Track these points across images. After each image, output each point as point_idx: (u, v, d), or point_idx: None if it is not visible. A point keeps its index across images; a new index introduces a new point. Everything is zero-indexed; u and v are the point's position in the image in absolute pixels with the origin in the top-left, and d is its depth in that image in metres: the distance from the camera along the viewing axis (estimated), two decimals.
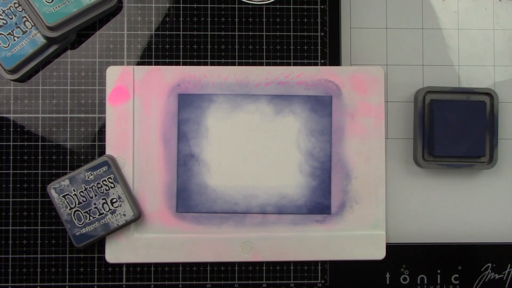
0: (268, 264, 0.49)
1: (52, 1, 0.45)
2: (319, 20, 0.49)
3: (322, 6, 0.49)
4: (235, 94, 0.48)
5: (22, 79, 0.48)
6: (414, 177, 0.49)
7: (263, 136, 0.48)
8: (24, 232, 0.48)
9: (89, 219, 0.46)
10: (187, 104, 0.48)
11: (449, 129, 0.47)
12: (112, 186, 0.46)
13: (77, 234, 0.46)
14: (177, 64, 0.49)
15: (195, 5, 0.49)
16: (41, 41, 0.46)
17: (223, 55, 0.49)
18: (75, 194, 0.46)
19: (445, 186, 0.50)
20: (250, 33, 0.49)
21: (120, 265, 0.48)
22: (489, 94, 0.48)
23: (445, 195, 0.49)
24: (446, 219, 0.49)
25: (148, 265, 0.48)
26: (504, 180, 0.50)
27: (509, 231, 0.49)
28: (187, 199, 0.48)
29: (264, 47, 0.49)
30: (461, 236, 0.49)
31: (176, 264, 0.48)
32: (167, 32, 0.49)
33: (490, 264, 0.49)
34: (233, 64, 0.49)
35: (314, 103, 0.48)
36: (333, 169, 0.48)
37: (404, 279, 0.49)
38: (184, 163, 0.48)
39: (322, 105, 0.48)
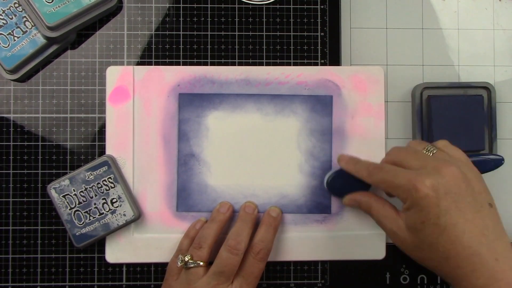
0: (268, 264, 0.48)
1: (52, 1, 0.45)
2: (319, 20, 0.49)
3: (322, 6, 0.49)
4: (235, 94, 0.48)
5: (22, 79, 0.48)
6: None
7: (263, 135, 0.48)
8: (24, 232, 0.48)
9: (89, 219, 0.46)
10: (188, 103, 0.48)
11: (448, 124, 0.47)
12: (112, 186, 0.46)
13: (77, 234, 0.46)
14: (177, 64, 0.49)
15: (195, 5, 0.49)
16: (41, 41, 0.46)
17: (223, 55, 0.49)
18: (75, 194, 0.46)
19: None
20: (250, 33, 0.49)
21: (120, 265, 0.48)
22: (486, 88, 0.48)
23: None
24: None
25: (148, 265, 0.48)
26: (504, 174, 0.50)
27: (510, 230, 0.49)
28: (187, 199, 0.48)
29: (264, 47, 0.49)
30: None
31: None
32: (167, 32, 0.49)
33: None
34: (233, 64, 0.49)
35: (314, 103, 0.48)
36: (332, 168, 0.48)
37: (404, 279, 0.49)
38: (185, 162, 0.48)
39: (322, 105, 0.48)
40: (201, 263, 0.43)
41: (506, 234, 0.38)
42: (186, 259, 0.43)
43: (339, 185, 0.46)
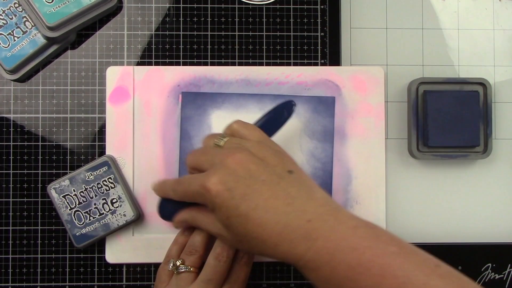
0: (268, 264, 0.49)
1: (52, 1, 0.45)
2: (319, 20, 0.49)
3: (322, 6, 0.49)
4: (238, 93, 0.48)
5: (22, 79, 0.48)
6: (410, 169, 0.49)
7: None
8: (24, 232, 0.48)
9: (89, 219, 0.46)
10: (191, 102, 0.48)
11: (443, 119, 0.47)
12: (112, 186, 0.46)
13: (77, 234, 0.46)
14: (177, 64, 0.49)
15: (195, 5, 0.49)
16: (41, 41, 0.46)
17: (223, 55, 0.49)
18: (75, 195, 0.46)
19: (441, 177, 0.49)
20: (250, 33, 0.49)
21: (120, 265, 0.48)
22: (482, 84, 0.48)
23: (441, 187, 0.49)
24: (443, 212, 0.49)
25: (148, 265, 0.48)
26: (499, 170, 0.50)
27: (508, 230, 0.49)
28: None
29: (264, 47, 0.49)
30: (460, 235, 0.49)
31: None
32: (167, 32, 0.49)
33: (490, 264, 0.49)
34: (233, 64, 0.49)
35: (317, 103, 0.48)
36: (333, 169, 0.48)
37: None
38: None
39: (325, 106, 0.48)
40: (192, 269, 0.42)
41: (318, 191, 0.37)
42: (178, 263, 0.43)
43: (170, 211, 0.43)
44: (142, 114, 0.48)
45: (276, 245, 0.35)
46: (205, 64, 0.49)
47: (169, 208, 0.42)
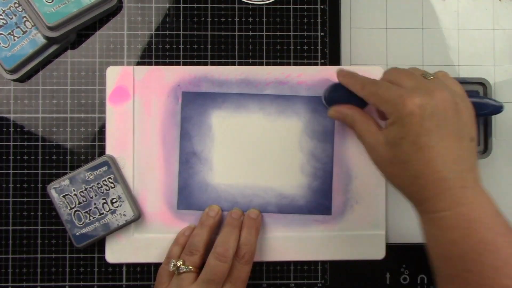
0: (268, 264, 0.49)
1: (52, 1, 0.45)
2: (319, 20, 0.49)
3: (322, 6, 0.49)
4: (238, 93, 0.48)
5: (22, 79, 0.48)
6: None
7: (265, 135, 0.48)
8: (24, 232, 0.48)
9: (89, 219, 0.46)
10: (191, 102, 0.48)
11: None
12: (112, 186, 0.46)
13: (77, 234, 0.46)
14: (177, 64, 0.49)
15: (195, 5, 0.49)
16: (41, 41, 0.46)
17: (223, 55, 0.49)
18: (75, 194, 0.46)
19: None
20: (250, 33, 0.49)
21: (120, 265, 0.48)
22: (482, 83, 0.48)
23: None
24: None
25: (148, 265, 0.48)
26: (499, 170, 0.50)
27: None
28: (188, 197, 0.48)
29: (264, 47, 0.49)
30: None
31: None
32: (167, 32, 0.49)
33: None
34: (233, 64, 0.49)
35: (317, 103, 0.48)
36: (333, 169, 0.48)
37: (404, 279, 0.49)
38: (186, 161, 0.48)
39: (325, 106, 0.48)
40: (193, 269, 0.43)
41: (478, 169, 0.38)
42: (179, 263, 0.43)
43: (335, 98, 0.45)
44: (142, 114, 0.48)
45: (424, 187, 0.37)
46: (205, 64, 0.49)
47: (337, 95, 0.45)
